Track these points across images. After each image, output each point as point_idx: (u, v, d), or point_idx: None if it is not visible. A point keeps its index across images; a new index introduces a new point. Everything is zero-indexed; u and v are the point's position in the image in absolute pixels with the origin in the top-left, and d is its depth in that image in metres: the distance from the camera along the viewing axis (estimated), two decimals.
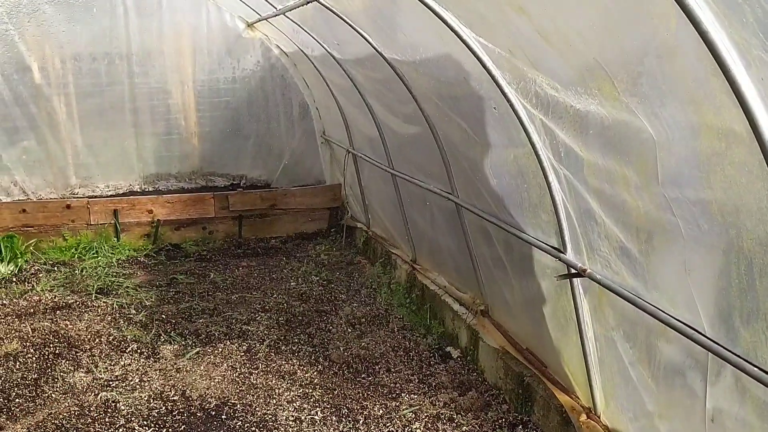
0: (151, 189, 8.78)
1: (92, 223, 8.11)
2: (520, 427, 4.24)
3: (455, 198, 5.02)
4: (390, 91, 5.59)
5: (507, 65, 3.33)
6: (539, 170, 3.52)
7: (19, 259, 7.30)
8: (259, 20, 7.97)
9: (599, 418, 3.72)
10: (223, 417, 4.41)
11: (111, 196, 8.52)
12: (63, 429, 4.21)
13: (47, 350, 5.28)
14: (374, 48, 5.04)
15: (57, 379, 4.87)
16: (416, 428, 4.26)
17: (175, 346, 5.43)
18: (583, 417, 3.78)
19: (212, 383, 4.84)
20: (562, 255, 3.57)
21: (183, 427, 4.28)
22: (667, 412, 3.01)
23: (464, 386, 4.82)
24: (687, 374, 2.78)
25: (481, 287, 5.15)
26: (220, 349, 5.39)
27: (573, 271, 3.48)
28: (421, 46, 4.50)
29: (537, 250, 3.93)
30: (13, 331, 5.59)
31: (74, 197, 8.34)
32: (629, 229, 2.95)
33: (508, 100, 3.45)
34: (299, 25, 6.56)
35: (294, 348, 5.48)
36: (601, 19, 2.60)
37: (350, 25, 5.05)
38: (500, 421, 4.34)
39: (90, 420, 4.32)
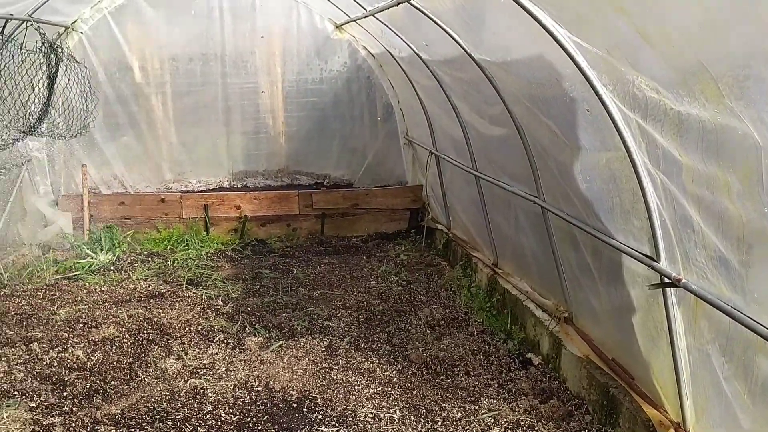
0: (239, 185, 9.09)
1: (184, 216, 8.47)
2: None
3: (541, 201, 4.93)
4: (477, 91, 5.55)
5: (603, 66, 3.25)
6: (633, 175, 3.40)
7: (117, 249, 7.71)
8: (348, 22, 8.09)
9: None
10: (304, 410, 4.50)
11: (202, 191, 8.87)
12: (154, 412, 4.42)
13: (141, 336, 5.55)
14: (463, 49, 5.02)
15: (150, 364, 5.11)
16: None
17: (260, 338, 5.58)
18: None
19: (294, 376, 4.95)
20: (655, 263, 3.44)
21: (266, 417, 4.40)
22: (764, 430, 2.85)
23: (545, 394, 4.73)
24: None
25: (565, 293, 5.04)
26: (302, 344, 5.50)
27: (666, 280, 3.35)
28: (512, 46, 4.45)
29: (627, 258, 3.80)
30: (110, 317, 5.90)
31: (168, 192, 8.74)
32: (729, 239, 2.81)
33: (603, 102, 3.35)
34: (388, 26, 6.61)
35: (373, 346, 5.53)
36: (706, 18, 2.50)
37: (440, 26, 5.05)
38: None
39: (179, 405, 4.51)
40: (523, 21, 3.60)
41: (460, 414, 4.46)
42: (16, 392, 4.64)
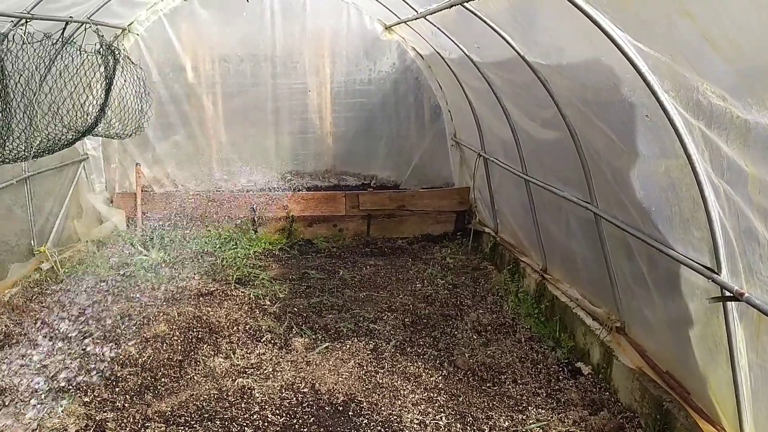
0: (286, 186, 9.15)
1: (232, 216, 8.58)
2: None
3: (594, 208, 4.82)
4: (528, 94, 5.46)
5: (665, 71, 3.14)
6: (694, 183, 3.29)
7: (168, 247, 7.85)
8: (398, 23, 8.07)
9: None
10: (350, 413, 4.50)
11: (250, 190, 8.96)
12: (203, 410, 4.47)
13: (191, 334, 5.64)
14: (516, 51, 4.94)
15: (199, 362, 5.19)
16: None
17: (306, 340, 5.61)
18: None
19: (340, 379, 4.95)
20: (716, 276, 3.31)
21: (312, 419, 4.41)
22: None
23: (595, 405, 4.62)
24: None
25: (617, 302, 4.91)
26: (348, 346, 5.50)
27: (728, 294, 3.22)
28: (567, 49, 4.36)
29: (686, 269, 3.68)
30: (161, 314, 6.01)
31: (218, 191, 8.86)
32: None
33: (664, 108, 3.25)
34: (439, 28, 6.56)
35: (419, 350, 5.49)
36: None
37: (493, 28, 4.98)
38: None
39: (227, 404, 4.56)
40: (580, 24, 3.52)
41: (507, 423, 4.39)
42: (70, 387, 4.77)
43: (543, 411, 4.54)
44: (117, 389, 4.76)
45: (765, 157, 2.73)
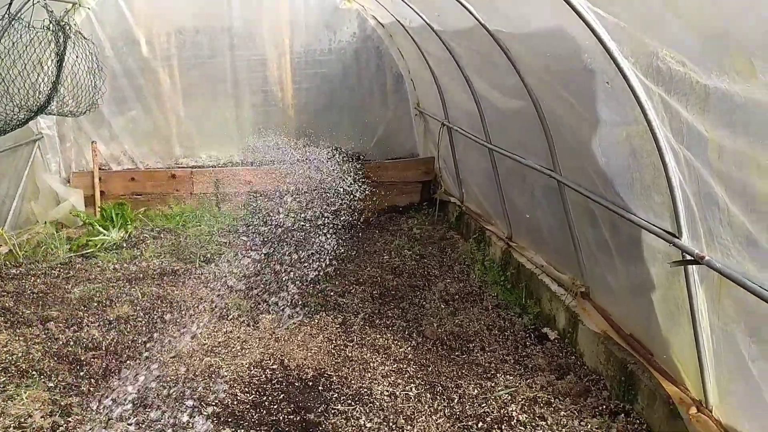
0: (249, 160, 9.00)
1: (195, 192, 8.44)
2: (622, 415, 4.08)
3: (558, 175, 4.84)
4: (491, 64, 5.42)
5: (625, 37, 3.13)
6: (655, 150, 3.30)
7: (129, 226, 7.70)
8: None
9: (711, 412, 3.52)
10: (320, 388, 4.49)
11: (212, 166, 8.81)
12: (170, 391, 4.42)
13: (155, 314, 5.56)
14: (477, 20, 4.89)
15: (164, 342, 5.11)
16: (512, 410, 4.19)
17: (273, 316, 5.57)
18: (693, 410, 3.58)
19: (309, 354, 4.94)
20: (676, 240, 3.36)
21: (282, 395, 4.40)
22: None
23: (562, 370, 4.69)
24: None
25: (581, 268, 4.97)
26: (316, 321, 5.49)
27: (689, 257, 3.27)
28: (529, 17, 4.32)
29: (647, 234, 3.72)
30: (124, 295, 5.91)
31: (179, 167, 8.69)
32: (758, 217, 2.72)
33: (624, 75, 3.24)
34: None
35: (388, 322, 5.51)
36: None
37: None
38: (600, 408, 4.20)
39: (195, 384, 4.51)
40: None
41: (476, 391, 4.44)
42: (34, 372, 4.66)
43: (511, 377, 4.60)
44: (82, 373, 4.67)
45: (724, 122, 2.75)
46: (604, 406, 4.22)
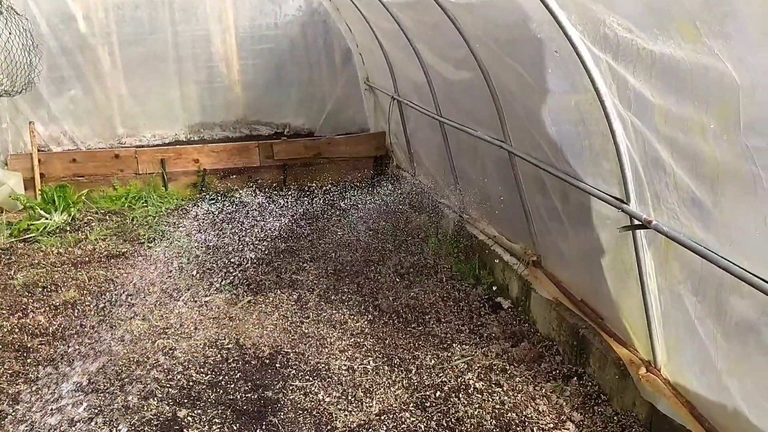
0: (196, 138, 8.81)
1: (140, 172, 8.20)
2: (575, 379, 4.19)
3: (508, 146, 4.87)
4: (440, 34, 5.40)
5: (572, 5, 3.14)
6: (603, 117, 3.35)
7: (72, 209, 7.45)
8: None
9: (659, 372, 3.64)
10: (277, 365, 4.46)
11: (157, 145, 8.58)
12: (123, 376, 4.32)
13: (104, 298, 5.40)
14: None
15: (115, 326, 4.99)
16: (469, 379, 4.25)
17: (227, 295, 5.49)
18: (643, 370, 3.70)
19: (265, 332, 4.90)
20: (625, 206, 3.42)
21: (239, 374, 4.35)
22: (738, 368, 2.90)
23: (516, 337, 4.78)
24: (763, 331, 2.66)
25: (533, 237, 5.04)
26: (271, 299, 5.44)
27: (637, 222, 3.34)
28: None
29: (597, 201, 3.79)
30: (70, 279, 5.72)
31: (122, 147, 8.43)
32: (703, 180, 2.79)
33: (572, 43, 3.26)
34: None
35: (343, 297, 5.49)
36: None
37: None
38: (554, 373, 4.30)
39: (149, 367, 4.42)
40: None
41: (433, 361, 4.48)
42: None
43: (467, 347, 4.66)
44: (29, 360, 4.53)
45: (670, 87, 2.80)
46: (558, 371, 4.32)
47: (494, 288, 5.55)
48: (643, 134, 3.12)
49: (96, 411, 3.93)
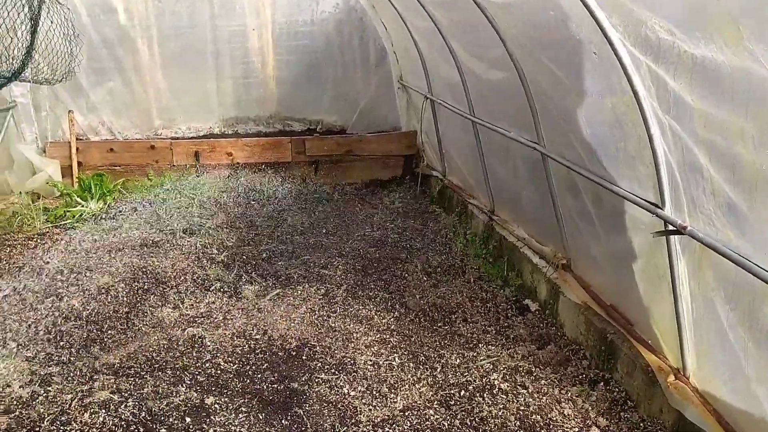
0: (230, 132, 8.91)
1: (175, 164, 8.33)
2: (602, 384, 4.15)
3: (541, 148, 4.85)
4: (475, 33, 5.39)
5: (614, 5, 3.12)
6: (640, 120, 3.32)
7: (108, 197, 7.59)
8: None
9: (688, 379, 3.59)
10: (303, 358, 4.50)
11: (192, 138, 8.70)
12: (153, 361, 4.40)
13: (136, 285, 5.50)
14: None
15: (146, 313, 5.08)
16: (494, 379, 4.24)
17: (256, 287, 5.55)
18: (671, 378, 3.66)
19: (292, 324, 4.94)
20: (659, 210, 3.39)
21: (265, 365, 4.40)
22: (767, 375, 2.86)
23: (543, 340, 4.75)
24: None
25: (563, 240, 5.01)
26: (299, 292, 5.48)
27: (671, 227, 3.30)
28: None
29: (630, 205, 3.75)
30: (104, 266, 5.84)
31: (158, 138, 8.56)
32: (741, 186, 2.75)
33: (612, 44, 3.24)
34: None
35: (370, 294, 5.52)
36: None
37: None
38: (580, 377, 4.27)
39: (178, 354, 4.49)
40: None
41: (458, 360, 4.48)
42: (12, 343, 4.61)
43: (493, 347, 4.65)
44: (62, 343, 4.63)
45: (710, 91, 2.76)
46: (584, 375, 4.29)
47: (522, 290, 5.52)
48: (681, 138, 3.08)
49: (126, 395, 4.01)
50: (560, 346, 4.64)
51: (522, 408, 3.96)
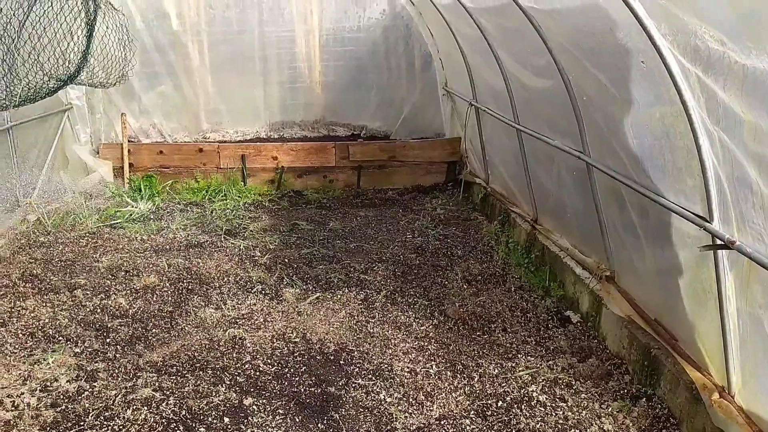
0: (275, 136, 9.04)
1: (222, 166, 8.49)
2: (644, 400, 4.06)
3: (586, 157, 4.77)
4: (522, 41, 5.35)
5: (663, 14, 3.06)
6: (689, 131, 3.24)
7: (156, 198, 7.79)
8: None
9: (733, 398, 3.48)
10: (341, 362, 4.53)
11: (239, 141, 8.86)
12: (195, 360, 4.49)
13: (181, 285, 5.63)
14: None
15: (189, 313, 5.18)
16: (532, 391, 4.18)
17: (297, 290, 5.61)
18: (716, 396, 3.55)
19: (331, 328, 4.97)
20: (707, 224, 3.30)
21: (304, 368, 4.44)
22: None
23: (584, 353, 4.67)
24: None
25: (607, 252, 4.92)
26: (339, 296, 5.52)
27: (719, 242, 3.22)
28: None
29: (677, 218, 3.66)
30: (151, 266, 5.99)
31: (206, 141, 8.75)
32: None
33: (661, 54, 3.17)
34: None
35: (410, 300, 5.51)
36: None
37: None
38: (622, 392, 4.18)
39: (219, 354, 4.57)
40: None
41: (497, 371, 4.44)
42: (61, 338, 4.77)
43: (532, 358, 4.59)
44: (108, 340, 4.76)
45: (762, 103, 2.68)
46: (626, 390, 4.19)
47: (564, 301, 5.44)
48: (730, 151, 3.00)
49: (168, 393, 4.10)
50: (602, 360, 4.55)
51: (560, 422, 3.90)
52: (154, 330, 4.93)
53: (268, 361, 4.52)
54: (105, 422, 3.82)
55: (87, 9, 5.90)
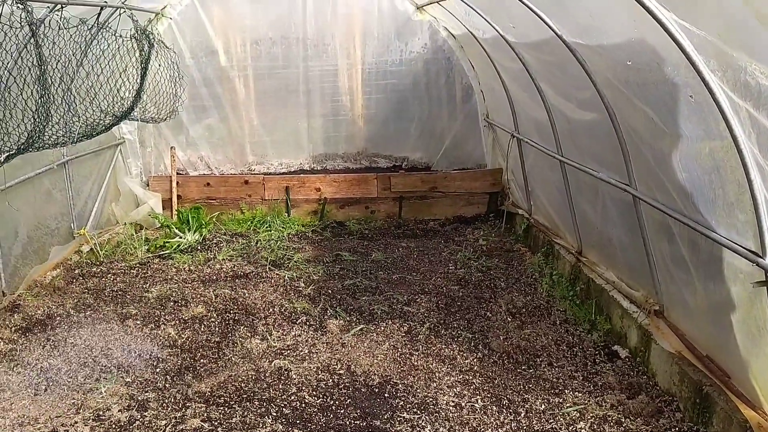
0: (318, 168, 9.18)
1: (266, 198, 8.65)
2: None
3: (633, 190, 4.74)
4: (565, 75, 5.37)
5: (712, 51, 3.06)
6: (739, 166, 3.21)
7: (204, 229, 7.97)
8: (430, 3, 7.98)
9: None
10: (385, 395, 4.53)
11: (283, 173, 9.02)
12: (242, 391, 4.55)
13: (227, 316, 5.73)
14: (554, 31, 4.85)
15: (236, 343, 5.26)
16: (581, 428, 4.12)
17: (341, 321, 5.65)
18: None
19: (375, 361, 4.99)
20: (760, 260, 3.25)
21: (348, 401, 4.46)
22: None
23: (633, 389, 4.58)
24: None
25: (656, 286, 4.84)
26: (383, 328, 5.53)
27: None
28: (608, 29, 4.26)
29: (728, 252, 3.61)
30: (198, 296, 6.11)
31: (251, 173, 8.93)
32: None
33: (709, 89, 3.16)
34: (472, 8, 6.47)
35: (453, 333, 5.50)
36: None
37: (530, 8, 4.90)
38: (673, 430, 4.08)
39: (265, 385, 4.63)
40: (623, 1, 3.44)
41: (543, 406, 4.39)
42: (113, 367, 4.88)
43: (580, 394, 4.52)
44: (158, 370, 4.86)
45: None
46: (677, 428, 4.10)
47: (611, 335, 5.36)
48: None
49: (216, 423, 4.16)
50: (652, 396, 4.46)
51: None
52: (202, 360, 5.02)
53: (314, 393, 4.56)
54: None
55: (141, 48, 6.15)
